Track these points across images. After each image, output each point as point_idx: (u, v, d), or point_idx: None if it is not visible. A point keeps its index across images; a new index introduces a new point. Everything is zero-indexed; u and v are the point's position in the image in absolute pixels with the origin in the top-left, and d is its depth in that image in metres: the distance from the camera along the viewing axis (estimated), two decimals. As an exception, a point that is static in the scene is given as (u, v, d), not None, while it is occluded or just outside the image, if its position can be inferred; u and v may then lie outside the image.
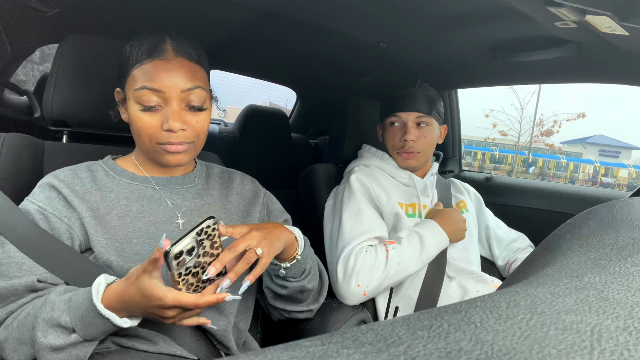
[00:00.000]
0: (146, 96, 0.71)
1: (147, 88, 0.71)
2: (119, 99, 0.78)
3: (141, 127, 0.72)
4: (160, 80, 0.71)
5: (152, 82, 0.71)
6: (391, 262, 1.04)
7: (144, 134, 0.73)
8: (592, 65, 1.23)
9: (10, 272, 0.65)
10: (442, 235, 1.11)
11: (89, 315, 0.60)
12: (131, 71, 0.73)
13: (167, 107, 0.72)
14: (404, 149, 1.19)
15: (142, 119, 0.72)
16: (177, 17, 1.26)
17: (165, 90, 0.71)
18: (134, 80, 0.72)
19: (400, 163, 1.22)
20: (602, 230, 0.30)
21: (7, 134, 0.82)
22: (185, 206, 0.80)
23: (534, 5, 0.82)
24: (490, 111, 19.07)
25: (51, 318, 0.61)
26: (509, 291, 0.22)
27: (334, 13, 1.14)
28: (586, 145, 29.09)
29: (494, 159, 25.33)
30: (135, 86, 0.71)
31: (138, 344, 0.69)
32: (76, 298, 0.62)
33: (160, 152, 0.74)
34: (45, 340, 0.60)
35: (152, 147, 0.74)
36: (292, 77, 2.25)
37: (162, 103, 0.72)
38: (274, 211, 0.92)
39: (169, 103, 0.72)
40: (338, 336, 0.17)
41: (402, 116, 1.20)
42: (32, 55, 1.51)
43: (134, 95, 0.72)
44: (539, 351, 0.15)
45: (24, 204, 0.72)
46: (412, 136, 1.18)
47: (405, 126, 1.20)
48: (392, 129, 1.22)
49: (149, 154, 0.77)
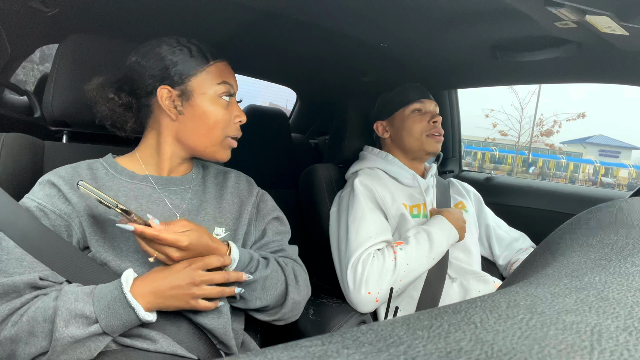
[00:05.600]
0: (227, 89, 0.80)
1: (227, 83, 0.80)
2: (167, 96, 0.78)
3: (218, 120, 0.79)
4: (230, 74, 0.83)
5: (228, 79, 0.81)
6: (400, 264, 1.03)
7: (219, 127, 0.79)
8: (592, 65, 1.23)
9: (10, 268, 0.65)
10: (451, 229, 1.11)
11: (115, 305, 0.63)
12: (205, 68, 0.79)
13: (232, 102, 0.82)
14: (437, 129, 1.22)
15: (219, 111, 0.79)
16: (177, 17, 1.25)
17: (234, 86, 0.83)
18: (212, 76, 0.79)
19: (431, 147, 1.22)
20: (602, 230, 0.30)
21: (7, 134, 0.82)
22: (183, 206, 0.80)
23: (534, 5, 0.82)
24: (490, 111, 19.11)
25: (75, 308, 0.62)
26: (509, 291, 0.22)
27: (334, 13, 1.14)
28: (586, 145, 29.08)
29: (494, 159, 25.33)
30: (215, 81, 0.79)
31: (139, 342, 0.69)
32: (100, 289, 0.65)
33: (224, 146, 0.82)
34: (66, 330, 0.61)
35: (219, 141, 0.80)
36: (292, 77, 2.25)
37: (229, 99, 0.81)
38: (263, 210, 0.91)
39: (233, 99, 0.82)
40: (338, 336, 0.17)
41: (426, 103, 1.25)
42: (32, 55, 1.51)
43: (213, 89, 0.79)
44: (539, 351, 0.15)
45: (24, 201, 0.72)
46: (440, 118, 1.23)
47: (429, 112, 1.24)
48: (417, 115, 1.24)
49: (207, 149, 0.81)
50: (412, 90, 1.26)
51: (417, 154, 1.24)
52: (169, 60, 0.77)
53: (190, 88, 0.78)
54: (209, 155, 0.82)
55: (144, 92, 0.79)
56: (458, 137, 2.05)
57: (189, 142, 0.80)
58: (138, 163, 0.82)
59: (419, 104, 1.24)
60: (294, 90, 2.48)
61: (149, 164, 0.82)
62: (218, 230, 0.82)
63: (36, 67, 5.79)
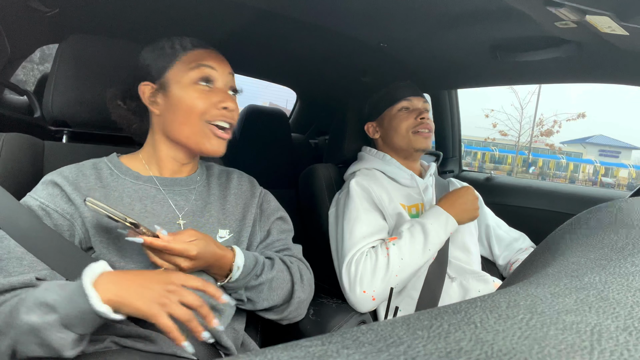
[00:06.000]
0: (202, 72, 0.77)
1: (203, 65, 0.77)
2: (148, 92, 0.80)
3: (192, 105, 0.76)
4: (212, 59, 0.79)
5: (206, 61, 0.78)
6: (393, 260, 1.02)
7: (196, 112, 0.76)
8: (592, 65, 1.23)
9: (10, 267, 0.64)
10: (448, 218, 1.09)
11: (74, 294, 0.57)
12: (179, 57, 0.78)
13: (215, 88, 0.79)
14: (424, 125, 1.21)
15: (193, 96, 0.76)
16: (177, 17, 1.26)
17: (217, 68, 0.79)
18: (185, 64, 0.78)
19: (419, 144, 1.21)
20: (602, 230, 0.30)
21: (7, 134, 0.82)
22: (187, 207, 0.81)
23: (534, 5, 0.82)
24: (490, 111, 19.10)
25: (41, 296, 0.58)
26: (509, 291, 0.22)
27: (334, 13, 1.14)
28: (586, 145, 29.08)
29: (494, 159, 25.33)
30: (189, 66, 0.77)
31: (138, 343, 0.69)
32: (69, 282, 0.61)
33: (208, 135, 0.78)
34: (25, 317, 0.56)
35: (200, 128, 0.77)
36: (292, 77, 2.25)
37: (211, 84, 0.78)
38: (267, 210, 0.92)
39: (217, 84, 0.79)
40: (338, 336, 0.17)
41: (414, 100, 1.24)
42: (32, 55, 1.51)
43: (187, 75, 0.77)
44: (539, 351, 0.15)
45: (26, 200, 0.72)
46: (428, 114, 1.22)
47: (417, 109, 1.23)
48: (404, 113, 1.23)
49: (189, 139, 0.78)
50: (400, 88, 1.26)
51: (407, 152, 1.24)
52: (149, 58, 0.81)
53: (167, 79, 0.79)
54: (195, 146, 0.79)
55: (137, 94, 0.82)
56: (458, 137, 2.05)
57: (173, 135, 0.80)
58: (142, 164, 0.82)
59: (406, 101, 1.23)
60: (294, 90, 2.48)
61: (151, 164, 0.82)
62: (222, 232, 0.82)
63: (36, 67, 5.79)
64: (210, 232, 0.80)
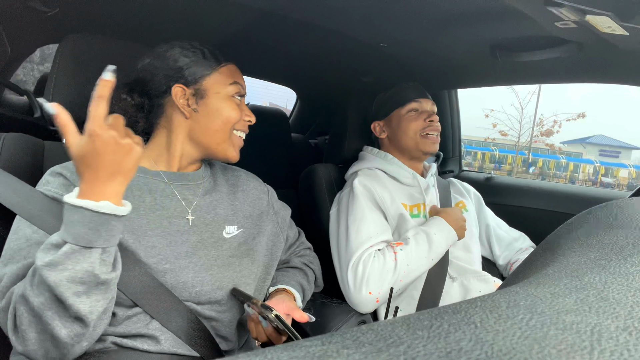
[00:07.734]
0: (238, 88, 0.85)
1: (238, 83, 0.85)
2: (181, 95, 0.81)
3: (230, 117, 0.83)
4: (240, 77, 0.87)
5: (239, 79, 0.86)
6: (400, 265, 1.03)
7: (229, 122, 0.82)
8: (592, 65, 1.23)
9: (33, 253, 0.63)
10: (450, 230, 1.11)
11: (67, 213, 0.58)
12: (217, 69, 0.83)
13: (242, 103, 0.87)
14: (433, 127, 1.21)
15: (232, 108, 0.83)
16: (177, 17, 1.26)
17: (244, 87, 0.88)
18: (224, 76, 0.83)
19: (427, 147, 1.22)
20: (602, 230, 0.30)
21: (7, 134, 0.82)
22: (195, 202, 0.81)
23: (534, 5, 0.82)
24: (490, 111, 19.13)
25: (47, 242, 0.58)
26: (509, 291, 0.22)
27: (334, 13, 1.14)
28: (586, 145, 29.08)
29: (494, 159, 25.33)
30: (228, 81, 0.83)
31: (139, 343, 0.69)
32: None
33: (234, 143, 0.85)
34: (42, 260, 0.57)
35: (229, 137, 0.83)
36: (292, 77, 2.25)
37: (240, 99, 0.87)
38: (280, 211, 0.98)
39: (242, 100, 0.87)
40: (338, 336, 0.17)
41: (423, 102, 1.24)
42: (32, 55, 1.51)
43: (226, 89, 0.83)
44: (539, 351, 0.15)
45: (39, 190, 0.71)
46: (436, 117, 1.22)
47: (425, 111, 1.23)
48: (413, 115, 1.23)
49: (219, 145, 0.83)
50: (409, 89, 1.26)
51: (414, 154, 1.24)
52: (183, 61, 0.82)
53: (204, 87, 0.81)
54: (221, 152, 0.84)
55: (157, 92, 0.82)
56: (458, 137, 2.05)
57: (202, 140, 0.82)
58: (148, 160, 0.82)
59: (415, 103, 1.24)
60: (294, 90, 2.48)
61: (159, 162, 0.83)
62: (229, 228, 0.84)
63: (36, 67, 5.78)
64: (217, 227, 0.82)
